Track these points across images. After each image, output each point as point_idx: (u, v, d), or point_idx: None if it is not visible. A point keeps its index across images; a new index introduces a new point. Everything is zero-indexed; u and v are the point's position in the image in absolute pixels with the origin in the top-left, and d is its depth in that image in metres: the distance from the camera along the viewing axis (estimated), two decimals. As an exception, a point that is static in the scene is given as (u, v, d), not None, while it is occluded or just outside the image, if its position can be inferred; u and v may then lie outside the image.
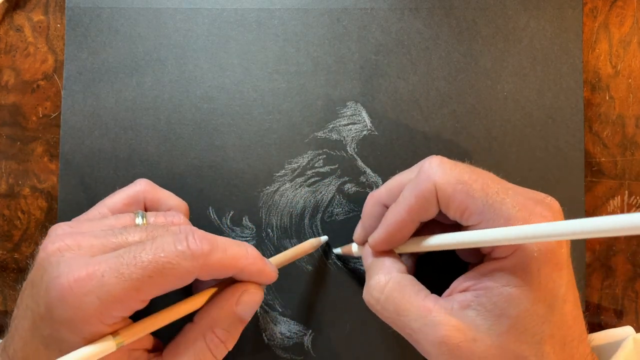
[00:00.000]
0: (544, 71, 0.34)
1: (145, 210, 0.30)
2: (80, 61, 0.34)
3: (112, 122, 0.33)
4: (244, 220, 0.33)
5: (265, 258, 0.27)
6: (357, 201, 0.33)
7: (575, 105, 0.34)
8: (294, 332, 0.33)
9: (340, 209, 0.33)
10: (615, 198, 0.35)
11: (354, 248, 0.31)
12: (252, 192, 0.33)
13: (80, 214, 0.28)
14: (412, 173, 0.27)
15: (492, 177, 0.25)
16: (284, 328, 0.33)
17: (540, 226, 0.21)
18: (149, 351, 0.26)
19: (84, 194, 0.33)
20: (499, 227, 0.23)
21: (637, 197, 0.35)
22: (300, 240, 0.33)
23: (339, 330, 0.33)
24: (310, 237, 0.33)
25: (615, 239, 0.35)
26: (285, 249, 0.33)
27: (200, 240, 0.23)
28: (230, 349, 0.26)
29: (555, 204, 0.25)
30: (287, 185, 0.33)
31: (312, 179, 0.33)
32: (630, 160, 0.35)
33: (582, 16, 0.34)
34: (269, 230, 0.33)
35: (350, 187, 0.33)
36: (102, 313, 0.22)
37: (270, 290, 0.33)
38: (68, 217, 0.32)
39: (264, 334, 0.33)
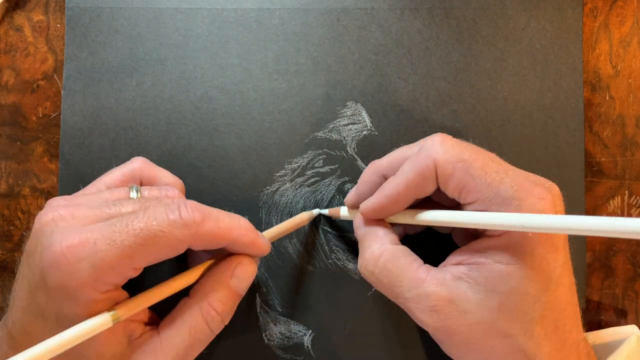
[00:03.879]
0: (544, 71, 0.34)
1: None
2: (80, 61, 0.34)
3: (112, 122, 0.33)
4: (244, 220, 0.33)
5: (258, 231, 0.27)
6: (357, 201, 0.33)
7: (576, 105, 0.34)
8: (293, 332, 0.33)
9: (340, 209, 0.33)
10: (616, 198, 0.35)
11: (342, 211, 0.31)
12: (252, 192, 0.33)
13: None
14: (415, 148, 0.27)
15: (493, 157, 0.25)
16: (284, 328, 0.33)
17: (535, 217, 0.21)
18: (145, 324, 0.26)
19: (84, 194, 0.33)
20: (496, 205, 0.23)
21: (638, 197, 0.35)
22: (299, 240, 0.33)
23: (339, 330, 0.33)
24: (310, 238, 0.33)
25: (616, 239, 0.35)
26: (286, 249, 0.33)
27: (192, 209, 0.23)
28: (226, 322, 0.26)
29: (555, 188, 0.25)
30: (287, 185, 0.33)
31: (312, 179, 0.33)
32: (631, 160, 0.35)
33: (582, 16, 0.34)
34: (269, 230, 0.33)
35: (350, 187, 0.33)
36: (95, 280, 0.22)
37: (270, 290, 0.33)
38: (68, 217, 0.32)
39: (263, 334, 0.33)
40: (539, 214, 0.22)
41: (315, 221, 0.33)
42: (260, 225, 0.33)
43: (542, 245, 0.23)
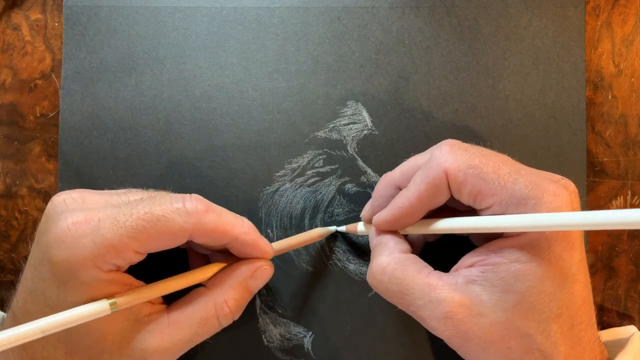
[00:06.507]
0: (546, 70, 0.34)
1: None
2: (78, 60, 0.33)
3: (111, 122, 0.33)
4: (243, 221, 0.33)
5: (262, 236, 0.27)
6: (357, 201, 0.33)
7: (578, 105, 0.33)
8: (294, 334, 0.32)
9: (341, 209, 0.33)
10: (618, 198, 0.34)
11: (359, 227, 0.31)
12: (252, 192, 0.33)
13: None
14: (426, 156, 0.27)
15: (505, 159, 0.25)
16: (284, 330, 0.32)
17: (552, 216, 0.21)
18: (152, 302, 0.26)
19: (82, 194, 0.33)
20: (512, 207, 0.23)
21: (640, 197, 0.34)
22: (300, 241, 0.33)
23: (339, 331, 0.32)
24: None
25: (618, 240, 0.34)
26: (285, 249, 0.33)
27: (197, 200, 0.25)
28: (235, 319, 0.27)
29: (570, 184, 0.24)
30: (287, 185, 0.33)
31: (312, 179, 0.33)
32: (633, 160, 0.34)
33: (585, 15, 0.34)
34: (269, 230, 0.33)
35: (350, 187, 0.33)
36: (96, 257, 0.23)
37: (270, 291, 0.33)
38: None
39: (263, 336, 0.32)
40: (556, 211, 0.22)
41: (315, 221, 0.33)
42: (260, 225, 0.33)
43: (559, 243, 0.23)
